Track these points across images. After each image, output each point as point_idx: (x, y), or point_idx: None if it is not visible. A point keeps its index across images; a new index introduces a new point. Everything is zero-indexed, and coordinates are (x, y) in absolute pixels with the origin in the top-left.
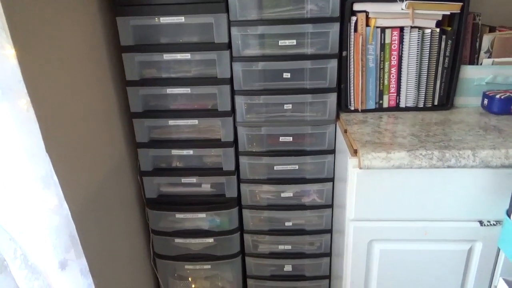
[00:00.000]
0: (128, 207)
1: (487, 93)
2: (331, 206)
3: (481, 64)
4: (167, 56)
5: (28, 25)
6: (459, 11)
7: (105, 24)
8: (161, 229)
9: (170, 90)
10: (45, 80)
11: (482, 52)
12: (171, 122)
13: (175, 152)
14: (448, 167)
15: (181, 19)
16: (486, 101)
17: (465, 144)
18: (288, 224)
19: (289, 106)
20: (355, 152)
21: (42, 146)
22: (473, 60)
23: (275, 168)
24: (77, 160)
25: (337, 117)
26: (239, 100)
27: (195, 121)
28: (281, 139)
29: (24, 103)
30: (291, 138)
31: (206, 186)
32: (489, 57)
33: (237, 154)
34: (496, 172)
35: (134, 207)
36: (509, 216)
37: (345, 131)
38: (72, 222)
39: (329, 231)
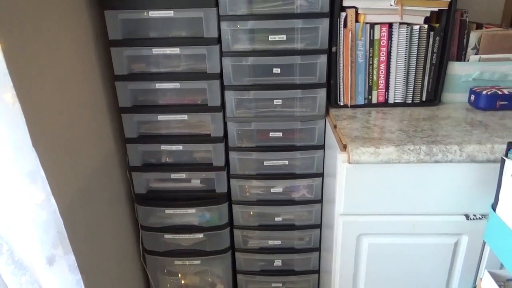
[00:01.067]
0: (117, 203)
1: (474, 89)
2: (320, 201)
3: (468, 60)
4: (156, 51)
5: (13, 17)
6: (447, 8)
7: (93, 18)
8: (150, 225)
9: (159, 85)
10: (32, 73)
11: (469, 49)
12: (160, 117)
13: (164, 147)
14: (435, 161)
15: (170, 13)
16: (473, 97)
17: (452, 139)
18: (278, 219)
19: (279, 102)
20: (344, 147)
21: (28, 140)
22: (460, 56)
23: (265, 164)
24: (65, 155)
25: (327, 112)
26: (229, 95)
27: (184, 116)
28: (271, 134)
29: (10, 97)
30: (280, 133)
31: (195, 181)
32: (476, 54)
33: (227, 150)
34: (482, 167)
35: (123, 202)
36: (494, 210)
37: (335, 127)
38: (60, 217)
39: (319, 226)
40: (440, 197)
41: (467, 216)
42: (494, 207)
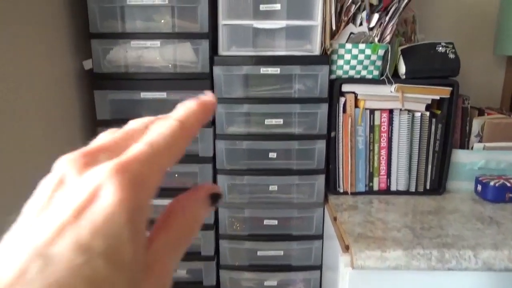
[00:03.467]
0: None
1: (480, 178)
2: None
3: (472, 148)
4: None
5: None
6: (448, 96)
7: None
8: None
9: None
10: None
11: (472, 136)
12: None
13: None
14: (449, 269)
15: (163, 95)
16: (479, 188)
17: (465, 242)
18: None
19: (275, 188)
20: (346, 248)
21: None
22: (464, 143)
23: (258, 254)
24: (21, 179)
25: (326, 199)
26: (221, 180)
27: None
28: (266, 222)
29: None
30: (276, 221)
31: (181, 272)
32: (479, 141)
33: (217, 238)
34: (500, 276)
35: None
36: None
37: (335, 219)
38: None
39: None
40: None
41: None
42: None
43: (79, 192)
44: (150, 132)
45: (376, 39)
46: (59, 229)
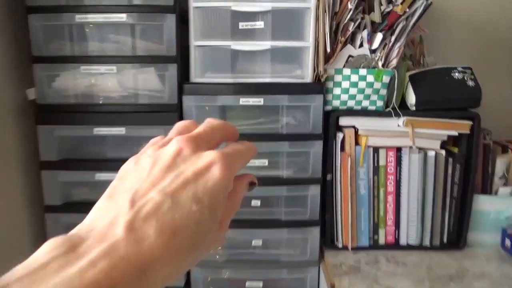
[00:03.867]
0: None
1: (508, 232)
2: None
3: (496, 193)
4: (101, 176)
5: None
6: (468, 132)
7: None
8: None
9: None
10: None
11: (496, 178)
12: None
13: None
14: None
15: (121, 131)
16: (508, 243)
17: None
18: None
19: (259, 242)
20: None
21: None
22: (486, 187)
23: None
24: None
25: (321, 256)
26: None
27: None
28: (248, 284)
29: None
30: (261, 283)
31: None
32: (505, 184)
33: None
34: None
35: None
36: None
37: (332, 287)
38: None
39: None
40: None
41: None
42: None
43: (198, 163)
44: (231, 145)
45: (380, 63)
46: (184, 183)
